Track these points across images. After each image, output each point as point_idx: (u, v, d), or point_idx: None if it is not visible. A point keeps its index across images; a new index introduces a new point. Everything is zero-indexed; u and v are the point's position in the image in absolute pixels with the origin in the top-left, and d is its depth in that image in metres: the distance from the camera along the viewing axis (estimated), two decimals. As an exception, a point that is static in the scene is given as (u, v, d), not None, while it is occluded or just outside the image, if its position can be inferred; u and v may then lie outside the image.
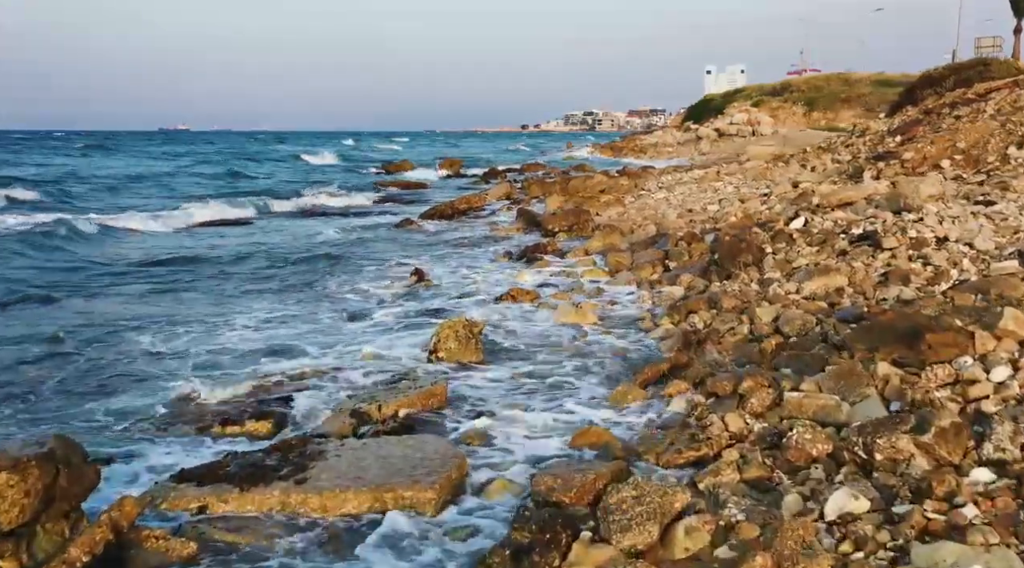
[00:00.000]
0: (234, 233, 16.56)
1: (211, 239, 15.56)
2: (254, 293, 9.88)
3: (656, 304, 8.37)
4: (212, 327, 7.98)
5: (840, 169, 15.83)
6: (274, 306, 9.01)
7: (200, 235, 16.30)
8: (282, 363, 6.52)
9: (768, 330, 6.92)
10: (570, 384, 5.80)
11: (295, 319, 8.24)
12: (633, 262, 10.34)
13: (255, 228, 17.44)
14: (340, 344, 7.10)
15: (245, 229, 17.26)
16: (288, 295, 9.69)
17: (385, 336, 7.34)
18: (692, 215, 15.14)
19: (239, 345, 7.18)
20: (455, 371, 6.22)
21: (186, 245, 14.56)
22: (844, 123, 49.94)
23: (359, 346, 6.93)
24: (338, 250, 13.48)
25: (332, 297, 9.42)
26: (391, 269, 11.31)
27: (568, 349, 6.77)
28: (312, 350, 6.89)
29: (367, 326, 7.80)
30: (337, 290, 9.82)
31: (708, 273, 9.22)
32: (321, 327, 7.83)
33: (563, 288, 9.31)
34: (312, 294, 9.67)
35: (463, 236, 15.00)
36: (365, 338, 7.27)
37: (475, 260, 11.92)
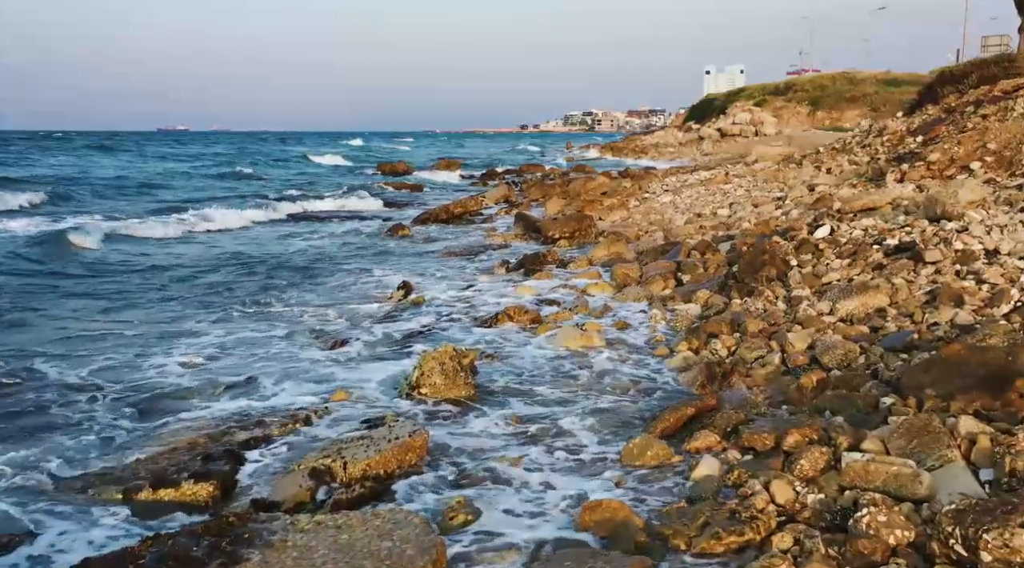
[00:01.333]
0: (209, 240, 15.61)
1: (183, 247, 14.61)
2: (211, 310, 8.79)
3: (670, 325, 7.43)
4: (147, 354, 6.88)
5: (858, 171, 14.89)
6: (230, 328, 7.90)
7: (178, 242, 15.34)
8: (234, 403, 5.56)
9: (803, 360, 5.99)
10: (575, 433, 4.85)
11: (254, 345, 7.22)
12: (642, 275, 9.40)
13: (233, 234, 16.47)
14: (306, 378, 6.14)
15: (225, 235, 16.30)
16: (250, 315, 8.58)
17: (360, 367, 6.38)
18: (701, 220, 14.21)
19: (180, 378, 6.17)
20: (440, 413, 5.28)
21: (146, 253, 13.56)
22: (849, 123, 49.00)
23: (328, 383, 5.98)
24: (317, 260, 12.51)
25: (302, 317, 8.39)
26: (375, 282, 10.36)
27: (572, 383, 5.83)
28: (271, 386, 5.93)
29: (340, 354, 6.83)
30: (309, 308, 8.80)
31: (727, 288, 8.29)
32: (285, 355, 6.84)
33: (565, 305, 8.37)
34: (278, 314, 8.60)
35: (457, 243, 14.06)
36: (336, 370, 6.31)
37: (469, 271, 10.97)
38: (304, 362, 6.58)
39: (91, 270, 11.62)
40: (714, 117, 57.96)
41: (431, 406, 5.38)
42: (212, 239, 15.73)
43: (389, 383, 5.94)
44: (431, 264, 11.79)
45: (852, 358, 5.82)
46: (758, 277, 8.25)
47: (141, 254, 13.30)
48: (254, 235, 16.27)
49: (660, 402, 5.44)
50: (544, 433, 4.88)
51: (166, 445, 4.86)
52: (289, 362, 6.59)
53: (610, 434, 4.85)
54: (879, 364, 5.57)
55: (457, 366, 5.69)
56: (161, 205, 21.42)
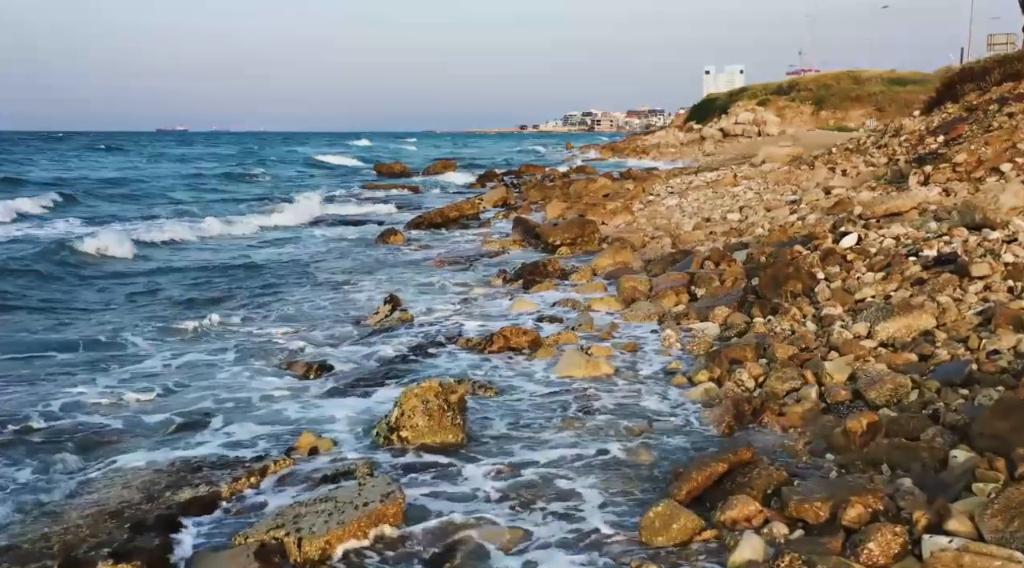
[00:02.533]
0: (193, 247, 14.80)
1: (166, 254, 13.79)
2: (166, 330, 7.87)
3: (687, 349, 6.61)
4: (81, 383, 5.96)
5: (876, 173, 14.07)
6: (186, 351, 6.98)
7: (169, 248, 14.50)
8: (180, 449, 4.73)
9: (845, 395, 5.17)
10: (581, 493, 4.02)
11: (211, 374, 6.34)
12: (652, 288, 8.57)
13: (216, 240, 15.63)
14: (269, 416, 5.31)
15: (209, 242, 15.48)
16: (211, 335, 7.63)
17: (333, 402, 5.55)
18: (711, 225, 13.39)
19: (119, 415, 5.33)
20: (421, 464, 4.46)
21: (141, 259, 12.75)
22: (854, 123, 48.14)
23: (295, 422, 5.15)
24: (299, 270, 11.67)
25: (272, 339, 7.50)
26: (361, 295, 9.54)
27: (577, 423, 5.00)
28: (227, 427, 5.10)
29: (312, 386, 6.00)
30: (281, 328, 7.94)
31: (747, 305, 7.47)
32: (247, 387, 5.97)
33: (568, 323, 7.55)
34: (243, 335, 7.66)
35: (452, 250, 13.23)
36: (305, 406, 5.48)
37: (464, 283, 10.14)
38: (269, 395, 5.75)
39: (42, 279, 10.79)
40: (716, 117, 57.10)
41: (411, 455, 4.55)
42: (199, 245, 14.93)
43: (365, 422, 5.12)
44: (422, 274, 10.96)
45: (903, 394, 5.00)
46: (782, 292, 7.43)
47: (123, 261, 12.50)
48: (230, 242, 15.40)
49: (681, 448, 4.62)
50: (543, 493, 4.05)
51: (91, 508, 4.03)
52: (251, 395, 5.75)
53: (622, 494, 4.03)
54: (938, 403, 4.75)
55: (443, 404, 4.87)
56: (166, 209, 20.73)
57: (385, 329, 7.77)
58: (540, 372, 6.09)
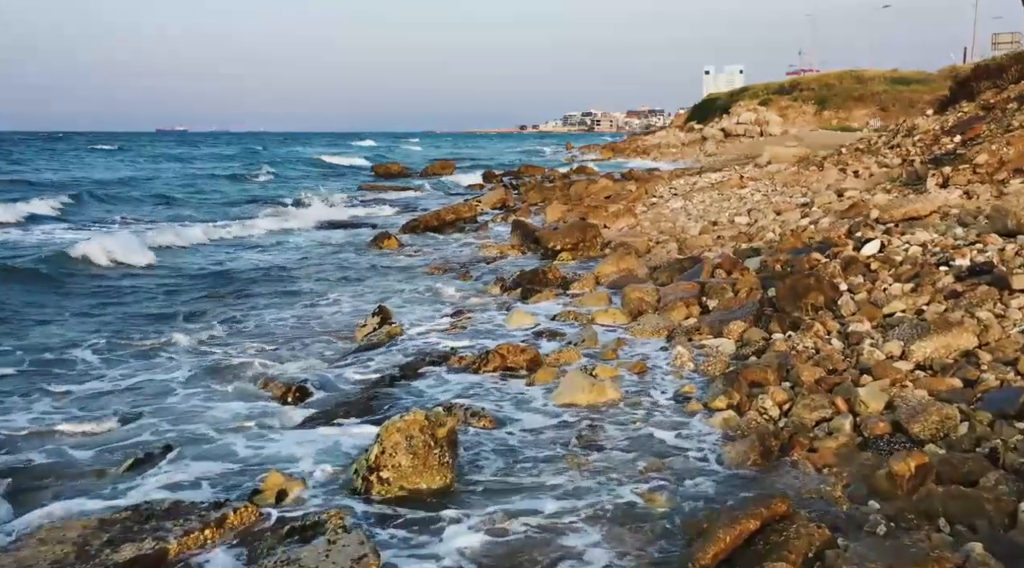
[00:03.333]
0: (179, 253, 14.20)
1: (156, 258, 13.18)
2: (129, 345, 7.27)
3: (701, 369, 6.02)
4: (19, 409, 5.37)
5: (890, 175, 13.49)
6: (146, 369, 6.41)
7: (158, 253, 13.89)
8: (127, 493, 4.14)
9: (884, 428, 4.58)
10: (584, 557, 3.44)
11: (173, 397, 5.73)
12: (660, 299, 7.98)
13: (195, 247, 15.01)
14: (234, 450, 4.72)
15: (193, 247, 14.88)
16: (180, 352, 6.99)
17: (308, 434, 4.96)
18: (718, 229, 12.81)
19: (60, 448, 4.71)
20: (401, 517, 3.87)
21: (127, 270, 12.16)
22: (857, 123, 47.58)
23: (263, 458, 4.56)
24: (281, 277, 11.07)
25: (245, 357, 6.88)
26: (349, 307, 8.95)
27: (582, 462, 4.42)
28: (184, 463, 4.51)
29: (284, 414, 5.41)
30: (256, 344, 7.34)
31: (764, 319, 6.88)
32: (214, 414, 5.37)
33: (570, 339, 6.96)
34: (211, 354, 7.03)
35: (448, 256, 12.65)
36: (277, 438, 4.89)
37: (459, 291, 9.55)
38: (235, 424, 5.16)
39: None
40: (717, 117, 56.50)
41: (392, 506, 3.96)
42: (191, 251, 14.32)
43: (342, 459, 4.53)
44: (415, 282, 10.38)
45: (951, 427, 4.42)
46: (802, 305, 6.85)
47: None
48: (220, 246, 14.79)
49: (701, 493, 4.04)
50: (541, 555, 3.46)
51: (14, 570, 3.45)
52: (214, 424, 5.16)
53: (635, 555, 3.45)
54: (994, 441, 4.16)
55: (430, 440, 4.29)
56: (172, 211, 20.23)
57: (372, 345, 7.18)
58: (539, 398, 5.50)
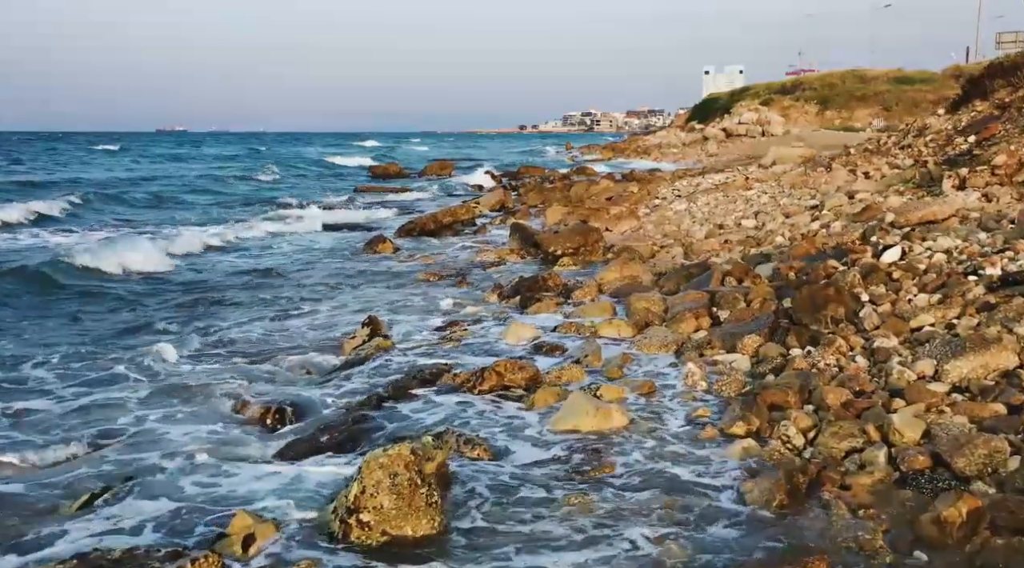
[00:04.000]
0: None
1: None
2: (80, 354, 6.82)
3: (714, 389, 5.54)
4: None
5: (903, 176, 13.01)
6: (92, 386, 5.92)
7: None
8: (53, 543, 3.63)
9: (924, 462, 4.10)
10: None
11: (119, 420, 5.22)
12: (667, 309, 7.50)
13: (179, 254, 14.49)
14: (198, 486, 4.24)
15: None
16: (145, 372, 6.46)
17: (278, 468, 4.47)
18: (725, 233, 12.34)
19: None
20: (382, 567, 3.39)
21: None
22: (860, 123, 47.16)
23: (230, 496, 4.08)
24: (266, 285, 10.59)
25: (221, 374, 6.43)
26: (336, 316, 8.47)
27: (585, 501, 3.94)
28: (142, 502, 4.02)
29: (253, 441, 4.93)
30: (235, 359, 6.88)
31: (780, 332, 6.41)
32: (166, 442, 4.87)
33: (571, 353, 6.48)
34: (184, 369, 6.55)
35: (444, 261, 12.17)
36: (247, 471, 4.41)
37: (455, 299, 9.07)
38: (204, 453, 4.67)
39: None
40: (718, 117, 56.04)
41: (372, 556, 3.48)
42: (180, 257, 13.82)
43: (318, 498, 4.05)
44: (409, 289, 9.90)
45: (1000, 461, 3.95)
46: (821, 317, 6.37)
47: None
48: (203, 252, 14.26)
49: (722, 539, 3.56)
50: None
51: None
52: (178, 452, 4.67)
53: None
54: (1051, 479, 3.69)
55: (416, 478, 3.81)
56: (180, 214, 19.84)
57: (360, 359, 6.70)
58: (539, 423, 5.02)
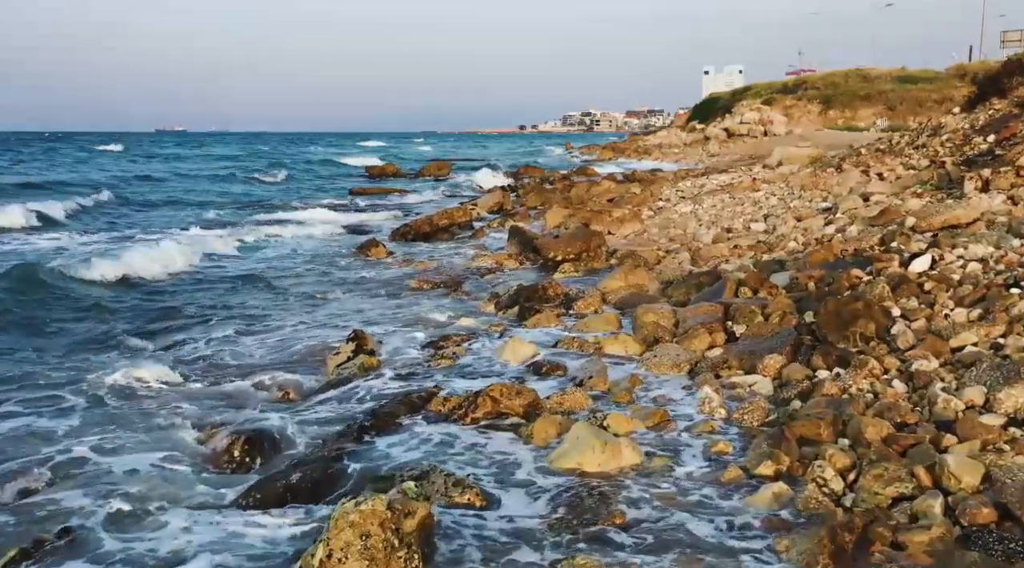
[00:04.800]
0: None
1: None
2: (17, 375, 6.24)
3: (734, 418, 4.95)
4: None
5: (920, 177, 12.43)
6: (28, 413, 5.34)
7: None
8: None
9: (987, 515, 3.52)
10: None
11: (69, 456, 4.64)
12: (677, 323, 6.91)
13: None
14: (129, 545, 3.64)
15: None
16: (92, 389, 5.88)
17: (234, 525, 3.86)
18: (734, 237, 11.75)
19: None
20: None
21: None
22: (864, 122, 46.54)
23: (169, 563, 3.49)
24: (249, 293, 9.98)
25: (181, 403, 5.76)
26: (319, 330, 7.88)
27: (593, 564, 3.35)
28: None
29: (209, 484, 4.34)
30: (205, 381, 6.28)
31: (803, 350, 5.83)
32: (107, 480, 4.30)
33: (574, 374, 5.89)
34: (144, 395, 5.94)
35: (438, 267, 11.57)
36: (202, 531, 3.80)
37: (448, 311, 8.49)
38: (153, 498, 4.07)
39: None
40: (719, 117, 55.42)
41: (335, 641, 2.89)
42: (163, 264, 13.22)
43: (280, 561, 3.46)
44: (400, 299, 9.31)
45: (1078, 517, 3.36)
46: (849, 335, 5.78)
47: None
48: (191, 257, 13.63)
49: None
50: None
51: None
52: (129, 496, 4.07)
53: None
54: None
55: (393, 539, 3.23)
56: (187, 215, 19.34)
57: (343, 380, 6.11)
58: (538, 459, 4.43)
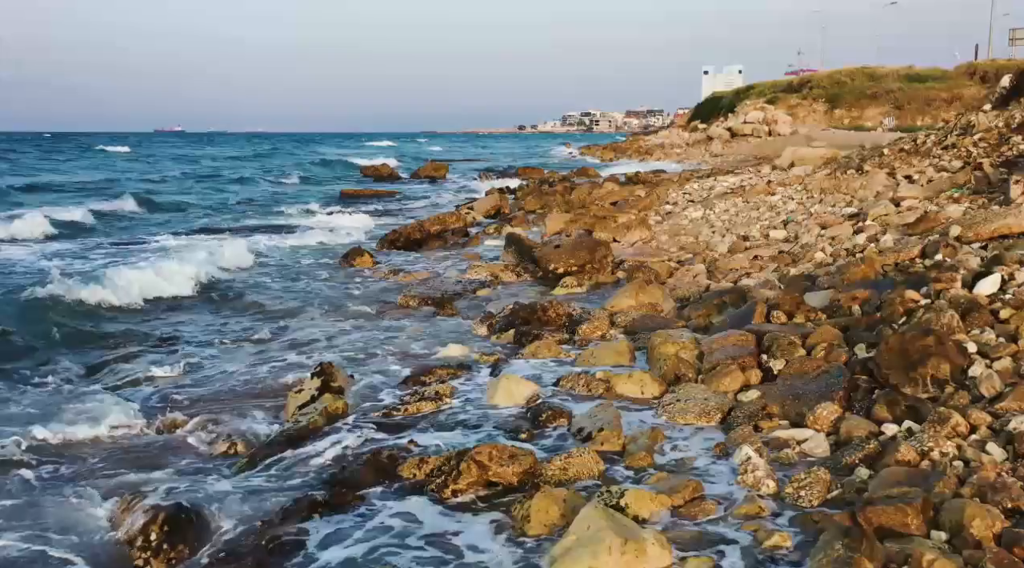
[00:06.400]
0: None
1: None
2: None
3: (787, 492, 3.89)
4: None
5: (954, 180, 11.37)
6: None
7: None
8: None
9: None
10: None
11: None
12: (702, 357, 5.84)
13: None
14: None
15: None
16: None
17: None
18: (752, 247, 10.69)
19: None
20: None
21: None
22: (870, 122, 45.52)
23: None
24: (209, 310, 8.91)
25: (94, 459, 4.73)
26: (283, 355, 6.83)
27: None
28: None
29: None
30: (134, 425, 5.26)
31: (861, 396, 4.78)
32: None
33: (581, 423, 4.83)
34: (51, 448, 4.92)
35: (427, 280, 10.51)
36: None
37: (434, 336, 7.43)
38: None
39: None
40: (722, 116, 54.40)
41: None
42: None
43: None
44: (382, 320, 8.25)
45: None
46: (917, 377, 4.72)
47: None
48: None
49: None
50: None
51: None
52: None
53: None
54: None
55: None
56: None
57: (300, 431, 5.05)
58: (531, 561, 3.37)
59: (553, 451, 4.54)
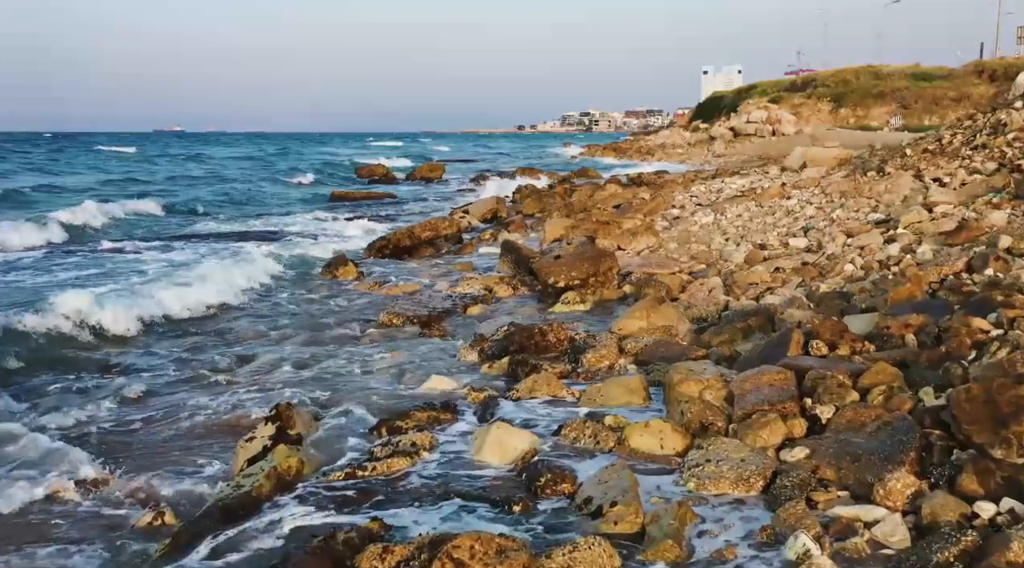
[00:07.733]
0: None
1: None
2: None
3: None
4: None
5: (990, 183, 10.42)
6: None
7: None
8: None
9: None
10: None
11: None
12: (731, 398, 4.87)
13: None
14: None
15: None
16: None
17: None
18: (771, 257, 9.74)
19: None
20: None
21: None
22: (876, 121, 44.59)
23: None
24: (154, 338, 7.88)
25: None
26: (241, 394, 5.87)
27: None
28: None
29: None
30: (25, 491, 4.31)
31: (939, 457, 3.83)
32: None
33: (589, 492, 3.88)
34: None
35: (414, 294, 9.54)
36: None
37: (417, 366, 6.47)
38: None
39: None
40: (724, 116, 53.47)
41: None
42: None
43: None
44: (358, 345, 7.29)
45: None
46: (1011, 436, 3.77)
47: None
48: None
49: None
50: None
51: None
52: None
53: None
54: None
55: None
56: None
57: (244, 500, 4.08)
58: None
59: (553, 531, 3.60)
